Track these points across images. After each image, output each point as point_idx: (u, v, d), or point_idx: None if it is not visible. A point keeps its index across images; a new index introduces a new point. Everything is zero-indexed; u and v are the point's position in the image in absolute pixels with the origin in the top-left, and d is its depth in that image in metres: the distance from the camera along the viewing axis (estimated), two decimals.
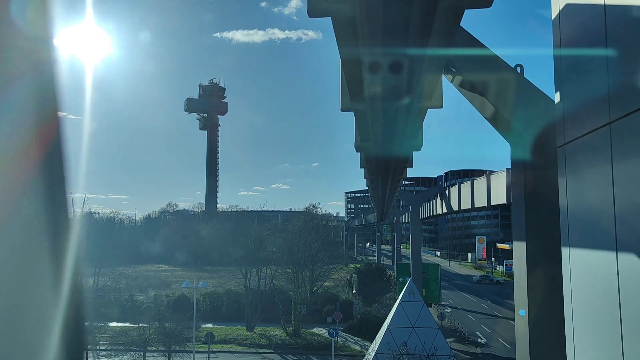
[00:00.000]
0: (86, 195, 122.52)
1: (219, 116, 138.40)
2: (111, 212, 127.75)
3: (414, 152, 18.24)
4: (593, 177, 5.47)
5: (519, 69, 7.61)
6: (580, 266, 5.89)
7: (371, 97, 7.92)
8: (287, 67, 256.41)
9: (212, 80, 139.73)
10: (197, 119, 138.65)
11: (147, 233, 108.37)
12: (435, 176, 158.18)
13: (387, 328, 25.36)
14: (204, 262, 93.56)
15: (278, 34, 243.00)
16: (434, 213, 46.53)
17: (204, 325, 41.15)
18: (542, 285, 6.96)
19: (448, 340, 33.12)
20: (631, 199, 4.60)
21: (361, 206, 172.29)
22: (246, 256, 46.90)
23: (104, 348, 36.08)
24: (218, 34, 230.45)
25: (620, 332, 4.51)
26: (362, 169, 26.90)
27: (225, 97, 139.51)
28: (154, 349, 30.61)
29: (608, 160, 4.91)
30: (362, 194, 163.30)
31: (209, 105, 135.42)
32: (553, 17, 6.47)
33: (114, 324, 40.97)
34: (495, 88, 7.58)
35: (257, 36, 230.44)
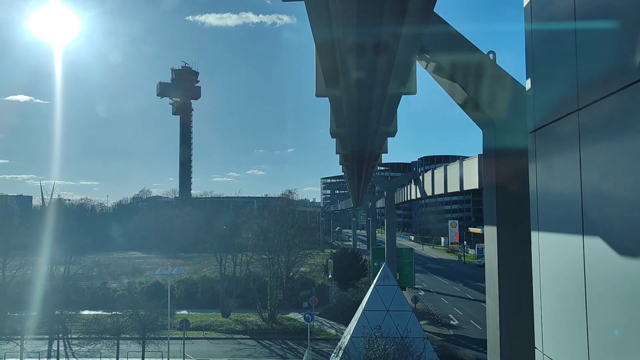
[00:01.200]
0: (55, 182, 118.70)
1: (192, 101, 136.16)
2: (82, 199, 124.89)
3: (388, 138, 18.24)
4: (562, 164, 5.56)
5: (491, 56, 7.65)
6: (549, 250, 6.02)
7: (346, 82, 7.78)
8: (261, 52, 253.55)
9: (185, 64, 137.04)
10: (170, 104, 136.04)
11: (120, 220, 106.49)
12: (410, 162, 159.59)
13: (362, 312, 25.67)
14: (178, 249, 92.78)
15: (252, 17, 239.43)
16: (408, 198, 47.03)
17: (179, 312, 40.87)
18: (512, 269, 7.10)
19: (422, 322, 33.78)
20: (597, 185, 4.69)
21: (337, 192, 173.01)
22: (221, 242, 46.63)
23: (75, 337, 35.58)
24: (190, 17, 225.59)
25: (586, 315, 4.62)
26: (338, 155, 26.95)
27: (199, 81, 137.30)
28: (127, 336, 30.27)
29: (576, 147, 4.99)
30: (338, 180, 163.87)
31: (181, 89, 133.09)
32: (525, 5, 6.49)
33: (86, 312, 40.35)
34: (468, 74, 7.60)
35: (230, 20, 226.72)
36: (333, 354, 26.57)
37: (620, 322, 4.08)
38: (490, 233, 7.75)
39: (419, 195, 41.39)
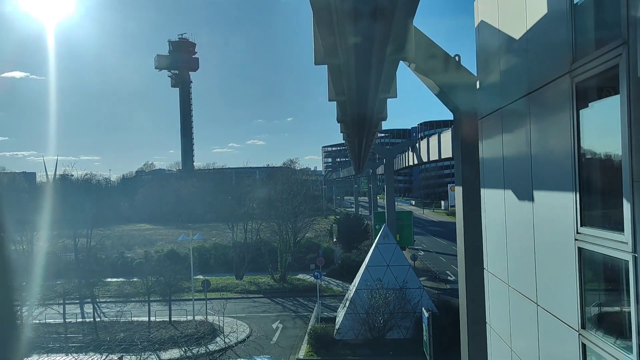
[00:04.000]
0: (58, 157, 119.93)
1: (190, 72, 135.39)
2: (87, 174, 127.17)
3: (388, 106, 18.62)
4: (494, 144, 8.18)
5: (457, 58, 10.17)
6: (488, 199, 8.73)
7: (344, 47, 7.98)
8: (257, 20, 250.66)
9: (182, 35, 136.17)
10: (168, 76, 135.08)
11: (126, 193, 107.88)
12: (410, 128, 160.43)
13: (365, 267, 28.71)
14: (185, 219, 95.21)
15: None
16: (407, 164, 49.65)
17: (194, 277, 44.12)
18: (471, 219, 9.85)
19: (421, 278, 36.89)
20: (512, 157, 7.36)
21: (338, 159, 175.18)
22: (232, 212, 49.49)
23: (103, 301, 38.97)
24: None
25: (506, 244, 7.32)
26: (339, 124, 28.94)
27: (196, 52, 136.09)
28: (156, 298, 33.46)
29: (499, 132, 7.61)
30: (339, 148, 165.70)
31: (179, 61, 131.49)
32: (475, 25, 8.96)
33: (108, 279, 43.77)
34: (439, 72, 10.15)
35: None
36: (341, 305, 29.77)
37: (522, 243, 6.81)
38: (458, 191, 10.46)
39: (416, 162, 43.98)
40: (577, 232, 4.92)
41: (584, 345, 4.85)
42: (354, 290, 28.17)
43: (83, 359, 21.68)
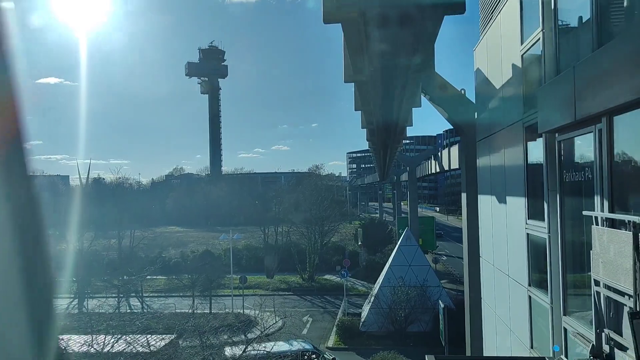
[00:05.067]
0: (91, 161, 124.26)
1: (219, 79, 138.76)
2: (120, 177, 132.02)
3: (413, 111, 19.50)
4: (486, 159, 10.80)
5: (463, 91, 12.87)
6: (483, 203, 11.34)
7: (371, 67, 8.77)
8: (282, 27, 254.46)
9: (212, 43, 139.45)
10: (198, 83, 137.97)
11: (156, 197, 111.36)
12: (435, 134, 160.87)
13: (389, 267, 31.27)
14: (214, 222, 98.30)
15: None
16: (429, 172, 51.94)
17: (228, 276, 47.30)
18: (472, 218, 12.47)
19: (442, 281, 39.12)
20: (497, 172, 10.01)
21: (363, 166, 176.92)
22: (261, 216, 52.65)
23: (146, 295, 42.46)
24: None
25: (492, 235, 10.00)
26: (364, 130, 27.91)
27: (225, 60, 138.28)
28: (197, 294, 36.71)
29: (487, 152, 10.24)
30: (364, 154, 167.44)
31: (209, 69, 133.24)
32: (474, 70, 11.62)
33: (149, 277, 47.35)
34: (449, 102, 12.87)
35: None
36: (366, 301, 32.36)
37: (500, 233, 9.47)
38: (464, 196, 13.12)
39: (438, 170, 46.25)
40: (526, 223, 7.52)
41: (529, 296, 7.42)
42: (378, 287, 30.75)
43: (139, 338, 24.77)
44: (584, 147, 5.26)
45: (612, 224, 4.56)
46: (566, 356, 5.95)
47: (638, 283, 3.78)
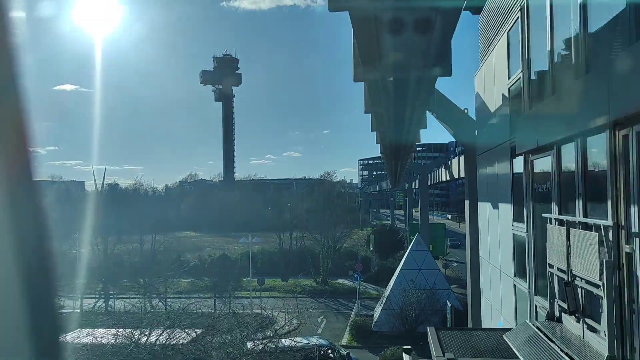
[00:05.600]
0: (106, 167, 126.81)
1: (232, 87, 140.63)
2: (135, 183, 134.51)
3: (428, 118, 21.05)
4: (484, 170, 12.48)
5: (466, 110, 14.59)
6: (481, 209, 12.99)
7: (384, 63, 8.76)
8: (295, 34, 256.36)
9: (226, 51, 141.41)
10: (213, 91, 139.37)
11: (171, 202, 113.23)
12: (447, 142, 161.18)
13: (400, 270, 32.86)
14: (229, 228, 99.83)
15: (286, 0, 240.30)
16: (440, 180, 53.39)
17: (244, 279, 49.16)
18: (474, 223, 14.15)
19: (452, 286, 40.48)
20: (491, 183, 11.71)
21: (374, 173, 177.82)
22: (274, 221, 54.52)
23: (169, 296, 44.45)
24: (224, 3, 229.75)
25: (488, 234, 11.74)
26: (374, 133, 28.38)
27: (239, 68, 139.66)
28: (210, 295, 38.60)
29: (485, 165, 11.93)
30: (375, 161, 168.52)
31: (223, 77, 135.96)
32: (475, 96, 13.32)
33: (170, 280, 49.37)
34: (453, 120, 14.60)
35: (264, 3, 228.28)
36: (378, 303, 33.94)
37: (494, 233, 11.19)
38: (467, 204, 14.81)
39: (448, 178, 47.73)
40: (512, 225, 9.19)
41: (514, 285, 9.07)
42: (389, 289, 32.34)
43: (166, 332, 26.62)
44: (546, 165, 6.91)
45: (560, 222, 6.21)
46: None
47: (569, 262, 5.44)
